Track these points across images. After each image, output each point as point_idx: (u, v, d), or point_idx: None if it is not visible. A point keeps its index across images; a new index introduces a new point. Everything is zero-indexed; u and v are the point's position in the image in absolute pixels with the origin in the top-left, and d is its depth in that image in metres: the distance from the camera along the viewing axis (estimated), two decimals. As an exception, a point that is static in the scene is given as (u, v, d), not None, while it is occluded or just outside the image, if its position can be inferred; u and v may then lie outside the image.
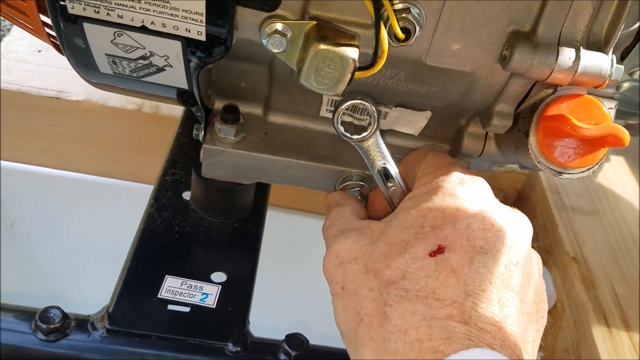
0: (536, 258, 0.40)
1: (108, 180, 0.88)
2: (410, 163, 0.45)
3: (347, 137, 0.44)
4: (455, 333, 0.32)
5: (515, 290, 0.35)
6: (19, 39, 0.88)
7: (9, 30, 1.03)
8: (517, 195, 0.89)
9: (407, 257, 0.36)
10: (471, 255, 0.35)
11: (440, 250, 0.36)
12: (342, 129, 0.44)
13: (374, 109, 0.43)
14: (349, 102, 0.43)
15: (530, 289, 0.37)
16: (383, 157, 0.44)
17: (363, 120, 0.51)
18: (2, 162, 0.86)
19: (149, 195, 0.60)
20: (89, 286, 0.74)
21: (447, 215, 0.37)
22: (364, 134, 0.44)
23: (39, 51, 0.86)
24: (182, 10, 0.38)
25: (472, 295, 0.33)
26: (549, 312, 0.72)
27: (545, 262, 0.75)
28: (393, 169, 0.45)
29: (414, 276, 0.35)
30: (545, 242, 0.77)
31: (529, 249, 0.39)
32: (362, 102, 0.43)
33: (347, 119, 0.52)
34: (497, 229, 0.37)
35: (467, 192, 0.39)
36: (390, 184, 0.44)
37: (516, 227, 0.39)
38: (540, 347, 0.39)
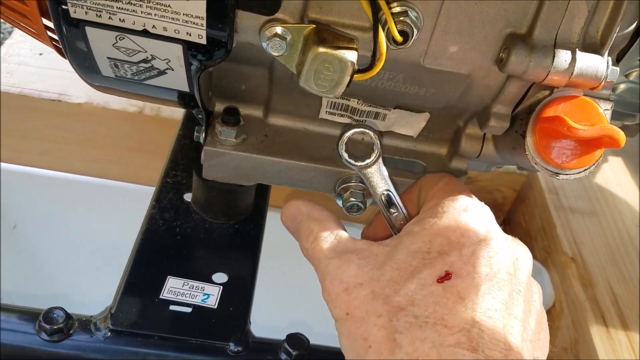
0: (536, 287, 0.41)
1: (109, 182, 0.88)
2: (424, 184, 0.46)
3: (351, 164, 0.44)
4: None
5: (518, 318, 0.36)
6: (20, 41, 0.88)
7: (9, 33, 1.03)
8: (516, 196, 0.89)
9: (415, 282, 0.36)
10: (477, 282, 0.36)
11: (447, 276, 0.36)
12: (346, 155, 0.44)
13: (376, 136, 0.44)
14: (353, 130, 0.44)
15: (532, 317, 0.38)
16: (386, 184, 0.45)
17: (362, 122, 0.52)
18: (4, 164, 0.86)
19: (150, 196, 0.61)
20: (91, 287, 0.75)
21: (452, 242, 0.38)
22: (367, 161, 0.44)
23: (41, 54, 0.86)
24: (183, 14, 0.38)
25: (478, 323, 0.34)
26: (548, 312, 0.72)
27: (543, 262, 0.76)
28: (395, 196, 0.45)
29: (423, 302, 0.35)
30: (543, 243, 0.77)
31: (529, 277, 0.40)
32: (365, 130, 0.44)
33: (347, 120, 0.52)
34: (501, 257, 0.38)
35: (471, 219, 0.40)
36: (393, 210, 0.45)
37: (518, 255, 0.39)
38: None
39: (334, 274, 0.39)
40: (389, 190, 0.45)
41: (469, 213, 0.40)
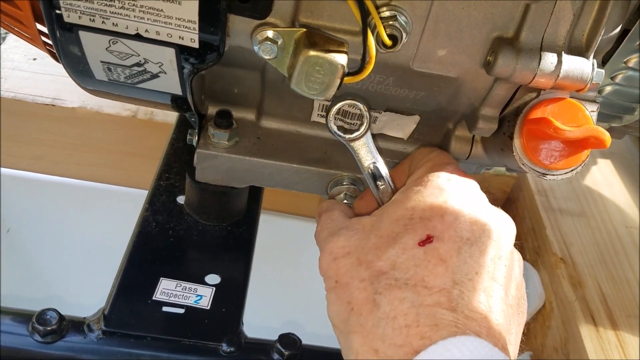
0: (517, 255, 0.41)
1: (103, 186, 0.89)
2: (416, 156, 0.47)
3: (340, 135, 0.45)
4: (443, 320, 0.33)
5: (499, 282, 0.36)
6: (14, 47, 0.88)
7: (4, 38, 1.04)
8: (506, 198, 0.90)
9: (397, 247, 0.37)
10: (459, 246, 0.36)
11: (429, 239, 0.37)
12: (335, 127, 0.45)
13: (365, 108, 0.44)
14: (342, 102, 0.44)
15: (513, 283, 0.38)
16: (373, 157, 0.46)
17: (353, 125, 0.52)
18: (-2, 168, 0.87)
19: (143, 200, 0.61)
20: (85, 289, 0.75)
21: (435, 208, 0.38)
22: (356, 134, 0.45)
23: (34, 59, 0.87)
24: (176, 19, 0.39)
25: (459, 284, 0.34)
26: (538, 312, 0.73)
27: (533, 263, 0.77)
28: (383, 169, 0.46)
29: (404, 265, 0.36)
30: (533, 244, 0.78)
31: (512, 245, 0.40)
32: (354, 102, 0.44)
33: (339, 123, 0.53)
34: (483, 223, 0.38)
35: (455, 187, 0.41)
36: (380, 183, 0.46)
37: (501, 223, 0.40)
38: (524, 343, 0.40)
39: (325, 248, 0.40)
40: (377, 163, 0.45)
41: (453, 182, 0.41)
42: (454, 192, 0.40)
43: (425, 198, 0.39)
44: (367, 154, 0.46)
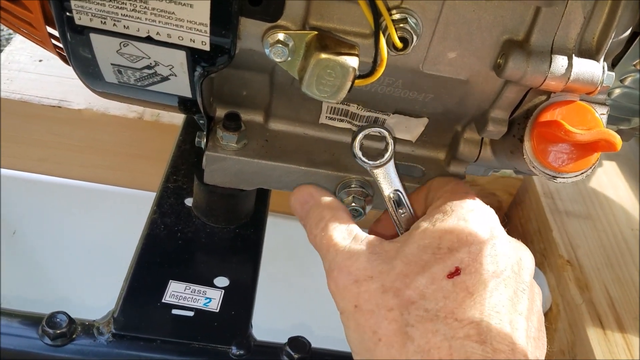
0: (537, 289, 0.41)
1: (109, 188, 0.89)
2: (434, 186, 0.47)
3: (365, 162, 0.45)
4: (474, 353, 0.33)
5: (523, 315, 0.37)
6: (20, 48, 0.89)
7: (7, 40, 1.04)
8: (512, 200, 0.90)
9: (426, 277, 0.36)
10: (485, 279, 0.36)
11: (457, 272, 0.37)
12: (360, 154, 0.45)
13: (391, 136, 0.44)
14: (369, 129, 0.44)
15: (534, 316, 0.39)
16: (396, 183, 0.45)
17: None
18: (4, 170, 0.86)
19: (150, 202, 0.61)
20: (93, 292, 0.75)
21: (461, 239, 0.38)
22: (381, 160, 0.45)
23: (40, 61, 0.87)
24: (187, 21, 0.39)
25: (487, 317, 0.35)
26: (545, 315, 0.73)
27: (540, 265, 0.77)
28: (404, 196, 0.46)
29: (433, 297, 0.36)
30: (539, 246, 0.78)
31: (532, 277, 0.40)
32: (380, 129, 0.44)
33: (346, 125, 0.53)
34: (507, 256, 0.38)
35: (478, 219, 0.41)
36: (401, 211, 0.46)
37: (522, 256, 0.40)
38: None
39: (342, 265, 0.39)
40: (399, 190, 0.45)
41: (475, 213, 0.41)
42: (478, 223, 0.40)
43: (452, 228, 0.39)
44: (390, 181, 0.46)
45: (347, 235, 0.41)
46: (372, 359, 0.35)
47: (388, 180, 0.46)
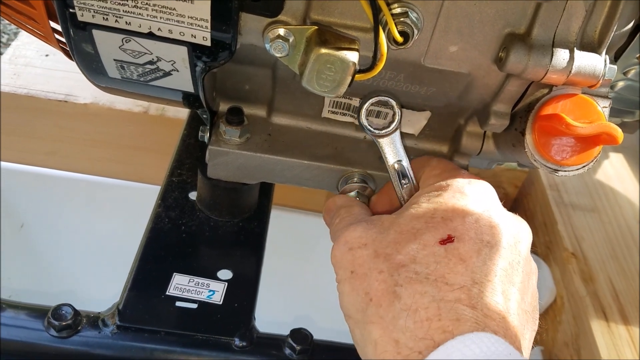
0: (534, 265, 0.41)
1: (115, 181, 0.89)
2: (413, 167, 0.47)
3: (371, 131, 0.45)
4: (464, 315, 0.33)
5: (516, 286, 0.37)
6: (27, 43, 0.89)
7: (15, 34, 1.04)
8: (517, 192, 0.90)
9: (417, 243, 0.37)
10: (479, 247, 0.37)
11: (449, 239, 0.37)
12: (366, 122, 0.45)
13: (398, 105, 0.44)
14: (375, 98, 0.44)
15: (529, 289, 0.39)
16: (400, 155, 0.45)
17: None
18: (11, 164, 0.87)
19: (155, 195, 0.62)
20: (98, 284, 0.76)
21: (456, 209, 0.39)
22: (387, 130, 0.45)
23: (47, 55, 0.87)
24: (188, 17, 0.39)
25: (478, 284, 0.35)
26: (549, 307, 0.73)
27: (544, 258, 0.77)
28: (408, 167, 0.46)
29: (424, 261, 0.36)
30: (545, 238, 0.78)
31: (529, 252, 0.40)
32: (387, 98, 0.44)
33: (349, 119, 0.53)
34: (503, 227, 0.39)
35: (475, 191, 0.41)
36: (404, 181, 0.46)
37: (519, 229, 0.40)
38: (538, 341, 0.40)
39: (341, 236, 0.40)
40: (402, 161, 0.45)
41: (473, 186, 0.42)
42: (475, 195, 0.40)
43: (447, 200, 0.40)
44: (395, 152, 0.45)
45: (353, 218, 0.43)
46: (364, 320, 0.36)
47: (393, 150, 0.45)
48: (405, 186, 0.46)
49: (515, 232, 0.39)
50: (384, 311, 0.35)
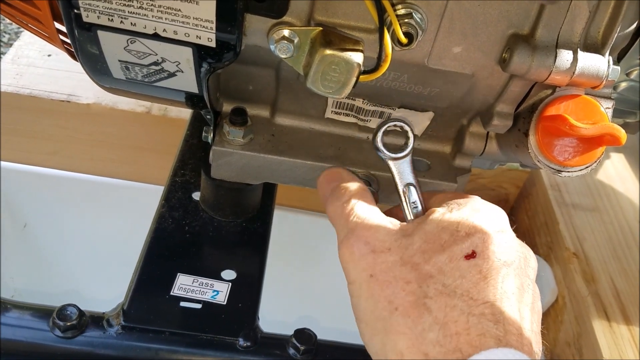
0: (538, 290, 0.42)
1: (118, 182, 0.89)
2: (423, 195, 0.46)
3: (386, 154, 0.45)
4: (489, 330, 0.33)
5: (528, 306, 0.38)
6: (29, 43, 0.89)
7: (16, 33, 1.04)
8: (519, 193, 0.90)
9: (445, 255, 0.37)
10: (497, 266, 0.37)
11: (473, 255, 0.37)
12: (381, 146, 0.45)
13: (412, 130, 0.45)
14: (392, 122, 0.44)
15: (536, 311, 0.39)
16: (412, 177, 0.46)
17: (367, 121, 0.53)
18: (14, 164, 0.87)
19: (158, 195, 0.62)
20: (102, 285, 0.76)
21: (477, 227, 0.39)
22: (401, 154, 0.45)
23: (49, 55, 0.87)
24: (193, 18, 0.39)
25: (499, 300, 0.35)
26: (551, 307, 0.73)
27: (546, 258, 0.77)
28: (418, 190, 0.46)
29: (451, 274, 0.36)
30: (546, 238, 0.78)
31: (535, 277, 0.41)
32: (402, 123, 0.44)
33: (352, 119, 0.53)
34: (517, 250, 0.39)
35: (491, 211, 0.41)
36: (413, 204, 0.46)
37: (528, 254, 0.41)
38: (543, 337, 0.40)
39: (360, 235, 0.39)
40: (413, 184, 0.45)
41: (488, 206, 0.42)
42: (491, 215, 0.41)
43: (467, 216, 0.40)
44: (406, 175, 0.46)
45: (369, 211, 0.42)
46: (387, 327, 0.36)
47: (405, 173, 0.46)
48: (413, 210, 0.46)
49: (524, 257, 0.40)
50: (412, 322, 0.35)
